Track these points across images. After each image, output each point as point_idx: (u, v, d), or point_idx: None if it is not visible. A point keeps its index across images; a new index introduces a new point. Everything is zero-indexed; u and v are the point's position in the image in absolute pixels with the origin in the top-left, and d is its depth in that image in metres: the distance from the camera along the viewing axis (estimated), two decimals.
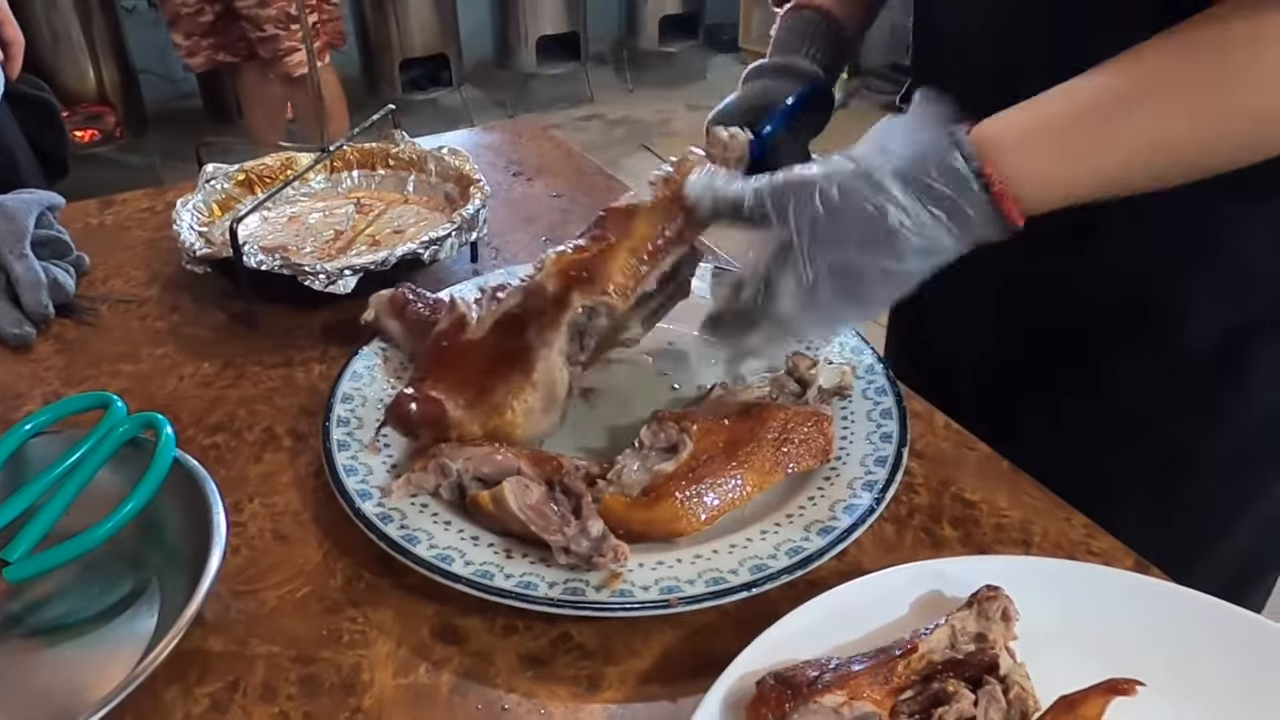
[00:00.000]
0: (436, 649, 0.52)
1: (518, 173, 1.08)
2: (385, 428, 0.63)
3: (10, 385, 0.74)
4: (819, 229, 0.52)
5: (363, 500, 0.57)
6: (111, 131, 3.30)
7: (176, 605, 0.51)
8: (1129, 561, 0.58)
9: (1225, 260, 0.67)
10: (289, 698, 0.50)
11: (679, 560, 0.55)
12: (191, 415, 0.70)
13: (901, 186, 0.51)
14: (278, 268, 0.77)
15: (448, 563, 0.53)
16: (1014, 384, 0.77)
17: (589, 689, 0.50)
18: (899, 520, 0.61)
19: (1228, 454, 0.73)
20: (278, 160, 0.96)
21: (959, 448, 0.67)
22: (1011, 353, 0.77)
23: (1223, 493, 0.75)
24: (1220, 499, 0.75)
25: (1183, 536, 0.71)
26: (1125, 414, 0.73)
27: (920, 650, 0.46)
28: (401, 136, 0.99)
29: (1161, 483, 0.74)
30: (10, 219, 0.83)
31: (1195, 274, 0.67)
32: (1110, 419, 0.73)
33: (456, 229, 0.83)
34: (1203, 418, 0.72)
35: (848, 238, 0.52)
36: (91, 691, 0.50)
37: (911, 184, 0.51)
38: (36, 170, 1.32)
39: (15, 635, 0.54)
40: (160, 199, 1.02)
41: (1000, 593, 0.48)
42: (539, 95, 4.17)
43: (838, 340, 0.72)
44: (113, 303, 0.84)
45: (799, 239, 0.52)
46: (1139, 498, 0.73)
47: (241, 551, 0.59)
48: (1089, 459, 0.70)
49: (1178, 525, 0.73)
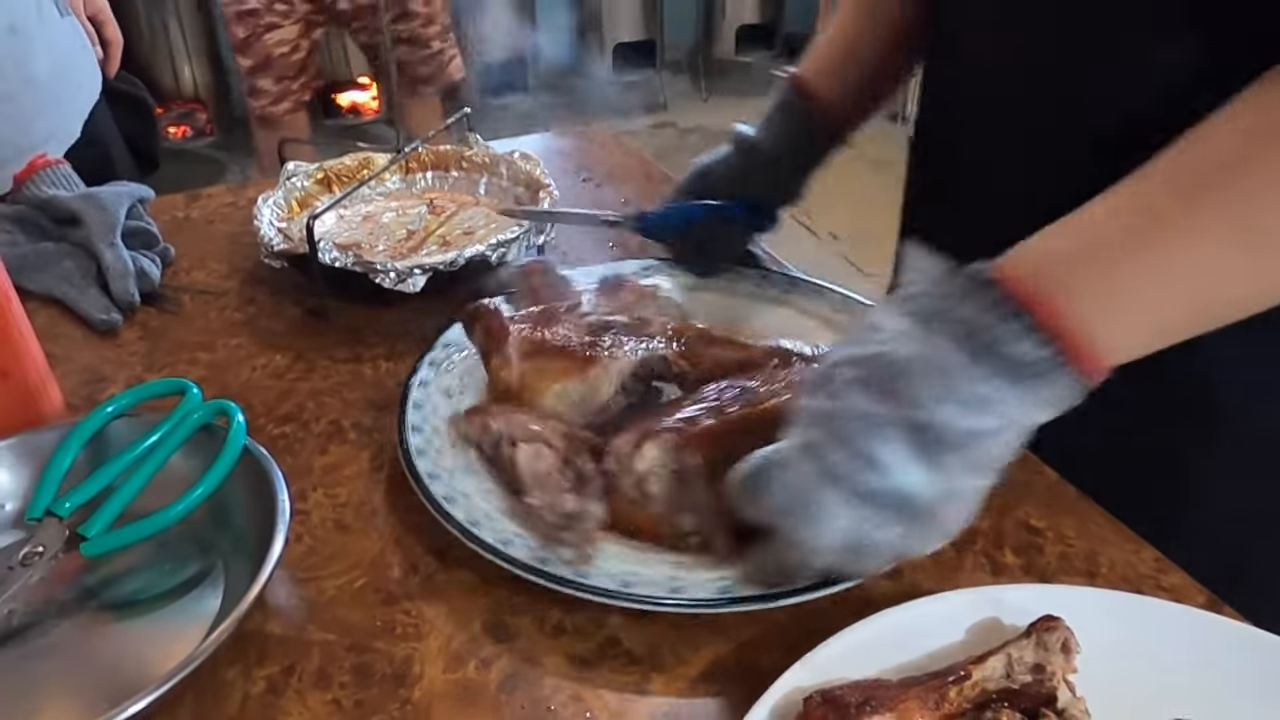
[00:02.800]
0: (486, 646, 0.53)
1: (587, 178, 1.09)
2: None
3: (96, 368, 0.77)
4: None
5: (431, 481, 0.58)
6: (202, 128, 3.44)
7: (240, 588, 0.53)
8: (1201, 599, 0.56)
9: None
10: (342, 685, 0.51)
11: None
12: (262, 404, 0.72)
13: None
14: (351, 265, 0.79)
15: (508, 546, 0.54)
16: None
17: (635, 694, 0.50)
18: (959, 544, 0.59)
19: None
20: (355, 160, 0.99)
21: (1026, 473, 0.65)
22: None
23: None
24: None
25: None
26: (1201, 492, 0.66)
27: (974, 678, 0.45)
28: (475, 140, 1.01)
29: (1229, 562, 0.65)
30: (103, 209, 0.87)
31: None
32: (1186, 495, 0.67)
33: (524, 232, 0.84)
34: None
35: None
36: (157, 666, 0.51)
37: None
38: (130, 164, 1.38)
39: (90, 608, 0.56)
40: (243, 195, 1.06)
41: (1061, 623, 0.47)
42: (613, 102, 4.20)
43: None
44: (194, 293, 0.87)
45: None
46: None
47: (304, 540, 0.60)
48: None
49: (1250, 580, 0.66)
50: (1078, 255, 0.45)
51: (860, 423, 0.45)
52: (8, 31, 1.03)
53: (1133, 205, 0.45)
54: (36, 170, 0.92)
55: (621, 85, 4.16)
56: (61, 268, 0.85)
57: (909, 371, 0.45)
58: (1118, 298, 0.44)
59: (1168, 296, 0.44)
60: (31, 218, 0.90)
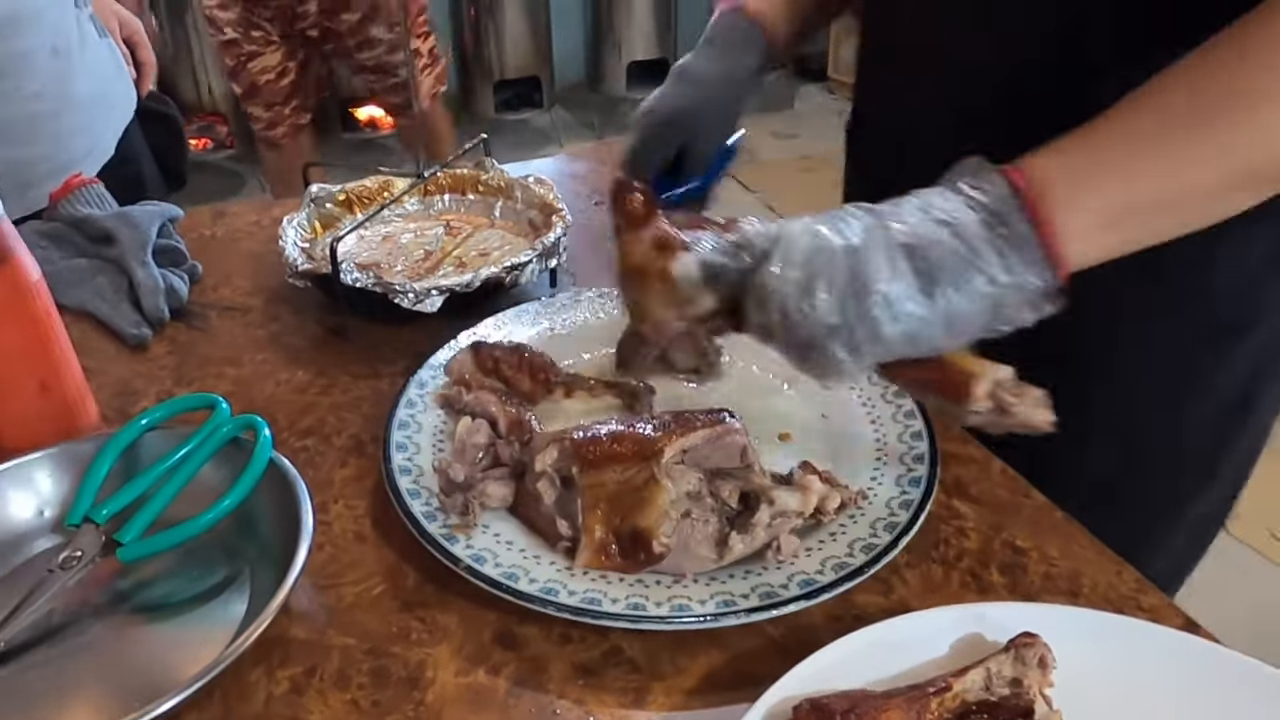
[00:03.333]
0: (495, 653, 0.56)
1: (599, 201, 1.13)
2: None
3: (128, 381, 0.81)
4: None
5: (429, 522, 0.61)
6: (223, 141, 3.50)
7: (265, 594, 0.56)
8: (1178, 620, 0.58)
9: (1187, 283, 0.70)
10: (360, 687, 0.54)
11: (731, 576, 0.58)
12: (286, 419, 0.76)
13: None
14: (371, 285, 0.82)
15: (514, 580, 0.57)
16: None
17: (635, 701, 0.53)
18: (947, 563, 0.62)
19: (1183, 456, 0.78)
20: (376, 183, 1.03)
21: (1014, 495, 0.68)
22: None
23: (1171, 494, 0.81)
24: (1166, 501, 0.81)
25: (1130, 536, 0.73)
26: (1093, 420, 0.75)
27: (955, 689, 0.48)
28: (491, 164, 1.04)
29: (1111, 488, 0.78)
30: (136, 228, 0.91)
31: (1165, 290, 0.70)
32: (1080, 422, 0.72)
33: (537, 255, 0.87)
34: (1160, 429, 0.77)
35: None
36: (185, 668, 0.55)
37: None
38: (159, 181, 1.43)
39: (122, 610, 0.59)
40: (266, 214, 1.10)
41: (1038, 639, 0.50)
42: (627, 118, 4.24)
43: None
44: (221, 310, 0.91)
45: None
46: (1094, 503, 0.73)
47: (325, 548, 0.63)
48: (1058, 460, 0.70)
49: (1125, 526, 0.73)
50: (1060, 166, 0.52)
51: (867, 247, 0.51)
52: (50, 54, 1.07)
53: (1125, 129, 0.52)
54: (72, 189, 0.96)
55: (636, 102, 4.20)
56: (95, 284, 0.89)
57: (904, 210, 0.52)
58: (1081, 204, 0.51)
59: (1121, 209, 0.52)
60: (66, 235, 0.94)
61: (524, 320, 0.83)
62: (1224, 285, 0.71)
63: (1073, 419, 0.71)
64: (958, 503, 0.67)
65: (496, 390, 0.71)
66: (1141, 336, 0.73)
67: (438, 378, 0.75)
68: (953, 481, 0.68)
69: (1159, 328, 0.73)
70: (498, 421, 0.68)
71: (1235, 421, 0.78)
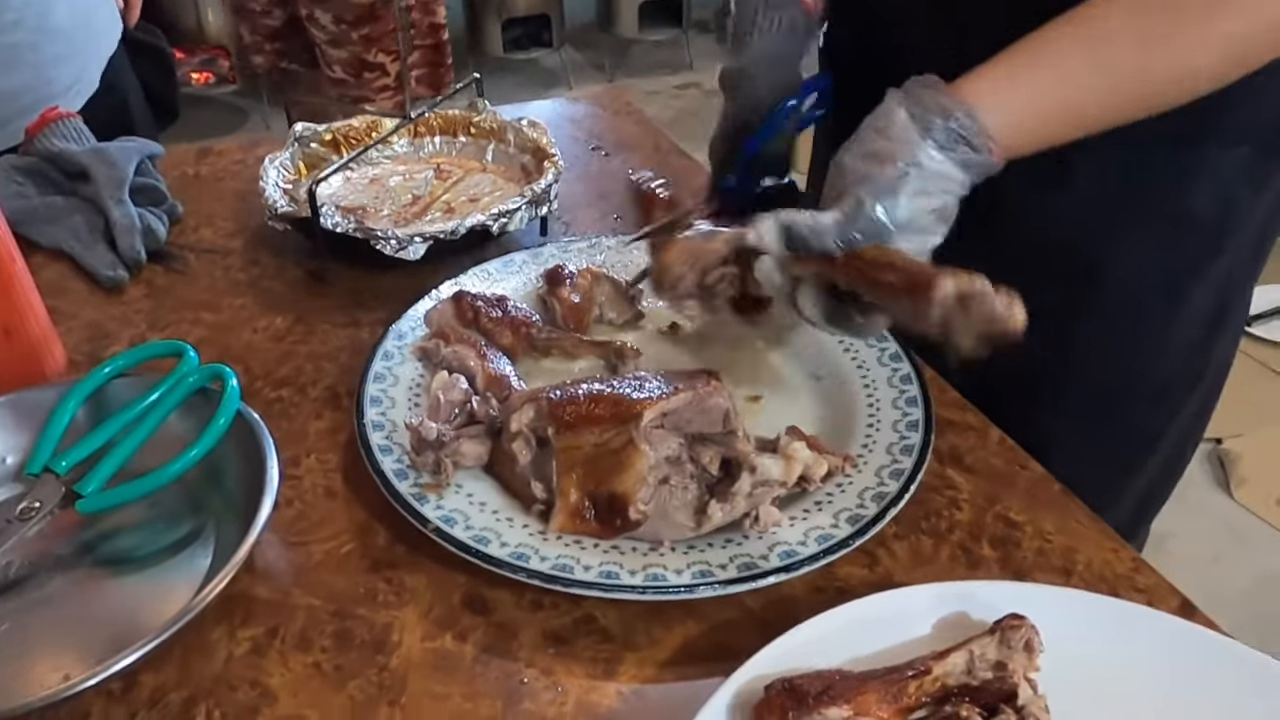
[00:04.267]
0: (464, 618, 0.54)
1: (596, 147, 1.09)
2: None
3: (101, 325, 0.78)
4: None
5: (399, 480, 0.59)
6: (225, 75, 3.43)
7: (230, 549, 0.54)
8: (1174, 601, 0.56)
9: (1170, 204, 0.72)
10: (323, 649, 0.52)
11: (710, 545, 0.56)
12: (261, 367, 0.73)
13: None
14: (352, 230, 0.79)
15: (484, 544, 0.55)
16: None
17: (606, 672, 0.51)
18: (937, 535, 0.60)
19: (1152, 387, 0.80)
20: (364, 123, 0.99)
21: (1010, 465, 0.65)
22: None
23: (1144, 426, 0.83)
24: (1139, 434, 0.83)
25: (1103, 473, 0.79)
26: (1072, 353, 0.78)
27: (935, 673, 0.46)
28: (484, 106, 1.00)
29: (1092, 419, 0.80)
30: (112, 166, 0.88)
31: (1148, 218, 0.73)
32: (1058, 359, 0.78)
33: (527, 203, 0.84)
34: (1142, 353, 0.78)
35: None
36: (147, 621, 0.53)
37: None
38: (148, 115, 1.39)
39: (85, 563, 0.58)
40: (252, 153, 1.06)
41: (1025, 622, 0.47)
42: (638, 61, 4.15)
43: None
44: (200, 252, 0.88)
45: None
46: (1070, 437, 0.77)
47: (295, 504, 0.61)
48: (1028, 397, 0.76)
49: (1100, 463, 0.79)
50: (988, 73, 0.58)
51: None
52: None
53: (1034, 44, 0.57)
54: (48, 123, 0.92)
55: (647, 44, 4.11)
56: (70, 222, 0.87)
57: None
58: (1007, 99, 0.57)
59: (1044, 105, 0.58)
60: (42, 170, 0.91)
61: (511, 270, 0.80)
62: (1204, 200, 0.73)
63: (1062, 340, 0.77)
64: (952, 472, 0.64)
65: (476, 344, 0.68)
66: (1127, 256, 0.75)
67: (417, 329, 0.72)
68: (948, 450, 0.66)
69: (1143, 245, 0.74)
70: (475, 377, 0.65)
71: (1213, 332, 0.80)
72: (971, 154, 0.56)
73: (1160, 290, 0.76)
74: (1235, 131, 0.70)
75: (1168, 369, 0.80)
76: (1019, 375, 0.76)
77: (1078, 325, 0.77)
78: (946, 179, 0.56)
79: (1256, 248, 0.78)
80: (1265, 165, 0.73)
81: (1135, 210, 0.73)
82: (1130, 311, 0.77)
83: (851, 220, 0.56)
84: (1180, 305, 0.77)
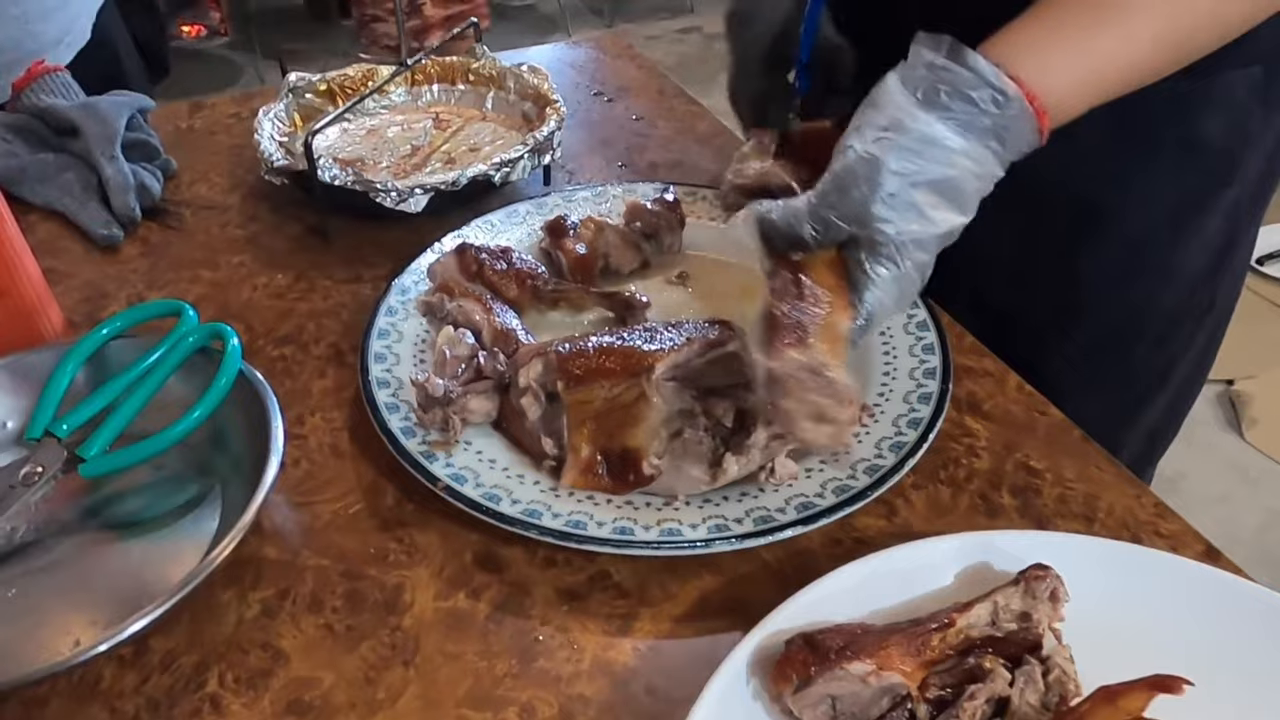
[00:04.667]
0: (477, 576, 0.53)
1: (598, 93, 1.06)
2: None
3: (98, 285, 0.77)
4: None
5: (407, 439, 0.58)
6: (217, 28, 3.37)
7: (237, 511, 0.53)
8: (1199, 546, 0.55)
9: (1179, 131, 0.69)
10: (334, 610, 0.52)
11: (725, 498, 0.55)
12: (263, 325, 0.72)
13: (956, 132, 0.48)
14: (350, 183, 0.77)
15: (495, 502, 0.54)
16: (990, 268, 0.74)
17: (621, 629, 0.51)
18: (955, 484, 0.59)
19: (1160, 321, 0.78)
20: (359, 71, 0.96)
21: (1029, 411, 0.64)
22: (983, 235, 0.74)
23: (1151, 361, 0.80)
24: (1147, 371, 0.81)
25: (1112, 412, 0.76)
26: (1084, 290, 0.76)
27: (959, 625, 0.45)
28: (482, 51, 0.97)
29: (1102, 359, 0.78)
30: (102, 121, 0.85)
31: (1156, 148, 0.70)
32: (1065, 298, 0.76)
33: (529, 151, 0.81)
34: (1151, 287, 0.76)
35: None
36: (155, 585, 0.53)
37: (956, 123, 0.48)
38: (139, 68, 1.35)
39: (90, 528, 0.57)
40: (246, 105, 1.04)
41: (1051, 572, 0.46)
42: (638, 5, 4.06)
43: None
44: (196, 208, 0.86)
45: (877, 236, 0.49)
46: (1078, 376, 0.76)
47: (301, 464, 0.60)
48: (1035, 340, 0.75)
49: (1108, 402, 0.77)
50: (1030, 35, 0.50)
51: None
52: None
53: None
54: (35, 77, 0.90)
55: None
56: (62, 180, 0.84)
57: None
58: (1054, 66, 0.50)
59: (1092, 72, 0.51)
60: (31, 127, 0.89)
61: (514, 220, 0.78)
62: (1214, 125, 0.70)
63: (1069, 279, 0.75)
64: (970, 420, 0.63)
65: (481, 298, 0.66)
66: (1135, 189, 0.72)
67: (421, 283, 0.70)
68: (965, 397, 0.64)
69: (1151, 176, 0.72)
70: (482, 331, 0.64)
71: (1221, 263, 0.78)
72: (977, 114, 0.48)
73: (1168, 221, 0.74)
74: (1247, 53, 0.64)
75: (1174, 302, 0.78)
76: (1026, 318, 0.76)
77: (1083, 263, 0.75)
78: (940, 146, 0.48)
79: (1266, 174, 0.76)
80: (1277, 86, 0.70)
81: (1142, 141, 0.70)
82: (1138, 244, 0.74)
83: (824, 199, 0.49)
84: (1189, 236, 0.75)
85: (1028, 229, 0.74)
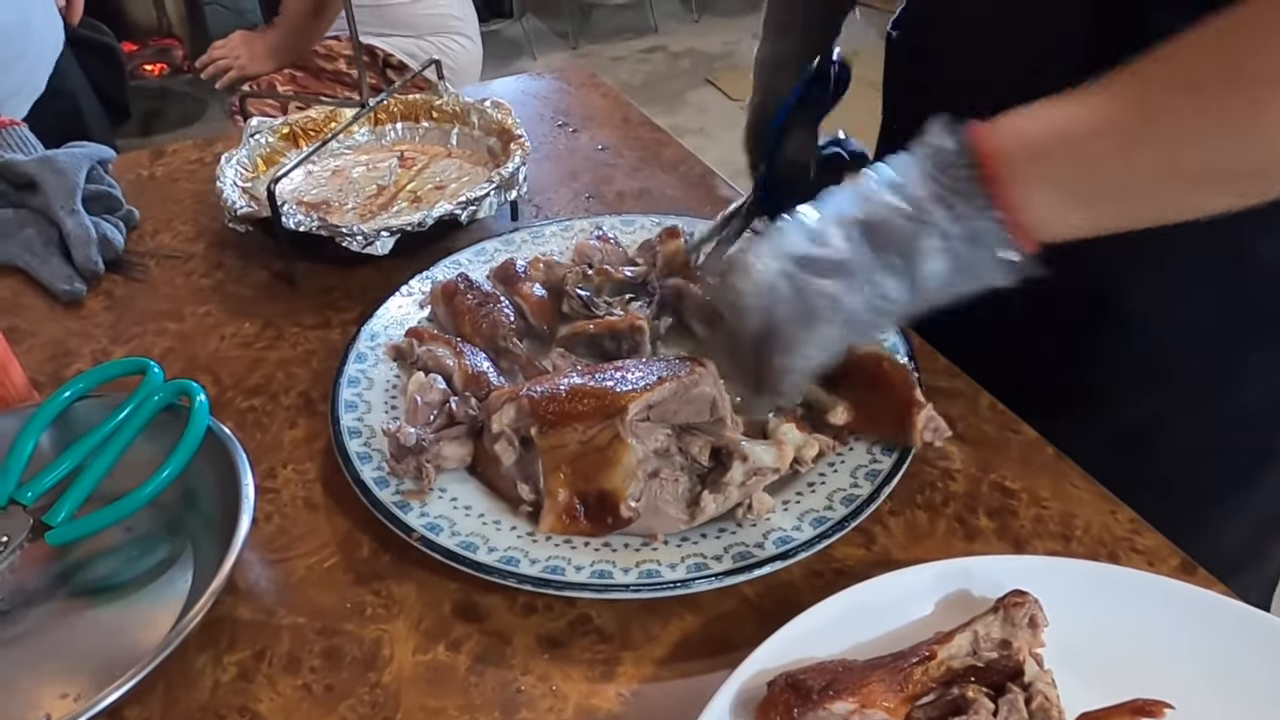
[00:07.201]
0: (456, 626, 0.53)
1: (563, 124, 1.06)
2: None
3: (62, 342, 0.76)
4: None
5: (380, 489, 0.57)
6: (179, 65, 3.35)
7: (210, 570, 0.52)
8: (1175, 561, 0.55)
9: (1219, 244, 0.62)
10: (312, 670, 0.51)
11: (704, 535, 0.55)
12: (231, 376, 0.71)
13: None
14: (315, 228, 0.77)
15: (472, 550, 0.53)
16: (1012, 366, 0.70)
17: (604, 674, 0.50)
18: (933, 508, 0.59)
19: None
20: (321, 113, 0.96)
21: (1002, 430, 0.64)
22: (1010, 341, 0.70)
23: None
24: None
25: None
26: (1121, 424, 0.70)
27: (940, 656, 0.45)
28: (444, 88, 0.97)
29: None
30: (61, 174, 0.84)
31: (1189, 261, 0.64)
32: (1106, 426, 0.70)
33: (495, 188, 0.81)
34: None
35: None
36: (129, 653, 0.52)
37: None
38: (100, 115, 1.35)
39: (59, 596, 0.56)
40: (209, 150, 1.03)
41: (1028, 598, 0.47)
42: (601, 26, 4.09)
43: None
44: (160, 258, 0.86)
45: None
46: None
47: (274, 519, 0.60)
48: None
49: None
50: (1033, 146, 0.47)
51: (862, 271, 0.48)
52: None
53: (1089, 111, 0.47)
54: None
55: (609, 9, 4.04)
56: (22, 236, 0.83)
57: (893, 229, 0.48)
58: (1052, 188, 0.47)
59: (1096, 195, 0.47)
60: None
61: (483, 258, 0.78)
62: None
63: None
64: (943, 442, 0.63)
65: (452, 342, 0.66)
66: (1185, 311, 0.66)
67: (390, 328, 0.70)
68: None
69: (1206, 302, 0.66)
70: (453, 375, 0.63)
71: None
72: (943, 179, 0.46)
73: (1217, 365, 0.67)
74: None
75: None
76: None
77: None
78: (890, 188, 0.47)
79: None
80: None
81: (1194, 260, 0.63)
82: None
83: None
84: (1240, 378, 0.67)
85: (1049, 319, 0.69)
